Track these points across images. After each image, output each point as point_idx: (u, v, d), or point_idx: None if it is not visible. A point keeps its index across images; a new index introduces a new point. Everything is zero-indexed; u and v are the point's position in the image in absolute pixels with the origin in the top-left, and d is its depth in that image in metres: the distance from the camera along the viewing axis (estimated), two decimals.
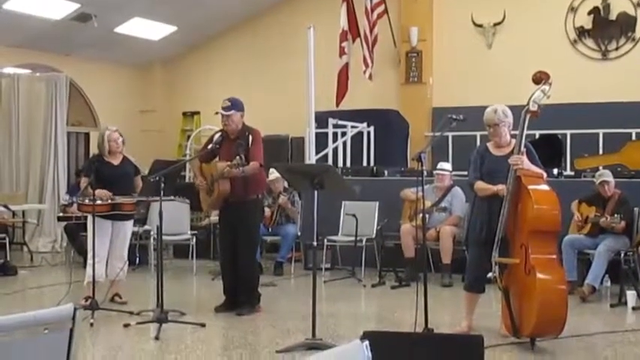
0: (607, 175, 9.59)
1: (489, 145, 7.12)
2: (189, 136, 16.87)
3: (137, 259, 11.66)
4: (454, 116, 6.95)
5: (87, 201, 8.31)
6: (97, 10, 14.56)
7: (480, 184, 6.96)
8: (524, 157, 6.66)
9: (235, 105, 8.11)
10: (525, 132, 6.71)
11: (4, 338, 2.22)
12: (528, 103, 6.72)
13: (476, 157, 7.13)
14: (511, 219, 6.64)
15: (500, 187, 6.69)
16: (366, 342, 2.05)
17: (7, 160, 14.42)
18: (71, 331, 2.41)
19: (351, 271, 10.92)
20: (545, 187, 6.68)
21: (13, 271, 11.25)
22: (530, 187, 6.54)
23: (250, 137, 8.10)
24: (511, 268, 6.71)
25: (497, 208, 6.68)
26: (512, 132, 6.99)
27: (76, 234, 11.53)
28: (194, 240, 11.67)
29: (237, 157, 7.70)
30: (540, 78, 6.83)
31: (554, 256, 6.71)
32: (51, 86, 14.53)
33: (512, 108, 7.02)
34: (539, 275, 6.40)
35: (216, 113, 8.20)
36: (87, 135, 16.83)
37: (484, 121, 6.98)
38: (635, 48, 14.07)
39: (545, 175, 6.85)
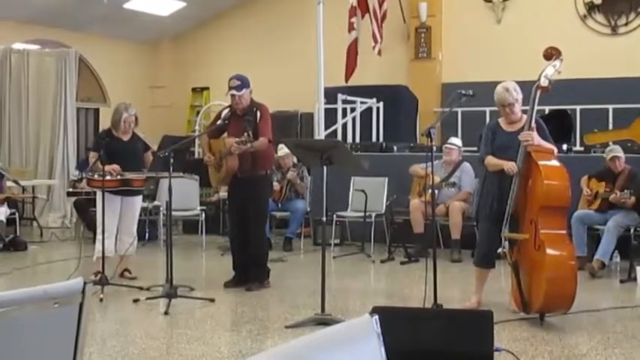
0: (617, 151, 9.56)
1: (500, 120, 7.09)
2: (198, 112, 16.85)
3: (146, 234, 11.70)
4: (463, 92, 6.92)
5: (96, 176, 8.33)
6: None
7: (490, 159, 6.93)
8: (535, 133, 6.62)
9: (244, 83, 8.10)
10: (536, 108, 6.68)
11: (15, 312, 2.22)
12: (539, 79, 6.69)
13: (487, 132, 7.10)
14: (521, 194, 6.62)
15: (510, 165, 6.66)
16: (376, 317, 2.04)
17: (17, 135, 14.44)
18: (81, 305, 2.42)
19: (360, 246, 10.94)
20: (555, 162, 6.65)
21: (23, 246, 11.29)
22: (540, 162, 6.51)
23: (258, 113, 8.10)
24: (521, 243, 6.70)
25: (508, 183, 6.67)
26: (523, 107, 6.96)
27: (85, 209, 11.57)
28: (203, 215, 11.68)
29: (245, 134, 7.70)
30: (551, 54, 6.80)
31: (564, 232, 6.69)
32: (60, 62, 14.52)
33: (521, 84, 6.98)
34: (549, 251, 6.39)
35: (228, 94, 8.18)
36: (96, 111, 16.80)
37: (496, 101, 6.89)
38: None
39: (555, 150, 6.82)
